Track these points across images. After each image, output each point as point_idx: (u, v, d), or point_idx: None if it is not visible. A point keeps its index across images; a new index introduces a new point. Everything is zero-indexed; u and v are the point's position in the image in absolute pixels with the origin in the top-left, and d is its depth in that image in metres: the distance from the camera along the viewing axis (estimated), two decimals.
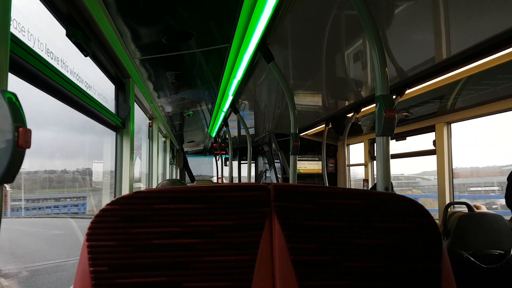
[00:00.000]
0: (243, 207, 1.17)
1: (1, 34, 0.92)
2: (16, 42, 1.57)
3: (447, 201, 4.61)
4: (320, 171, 7.88)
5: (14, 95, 0.92)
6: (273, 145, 8.11)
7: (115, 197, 3.29)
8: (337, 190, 1.20)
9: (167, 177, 9.17)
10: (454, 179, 4.73)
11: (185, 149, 14.24)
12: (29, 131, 0.93)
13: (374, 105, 4.39)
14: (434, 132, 4.86)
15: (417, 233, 1.18)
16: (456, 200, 4.75)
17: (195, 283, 1.11)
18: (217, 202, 1.16)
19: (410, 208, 1.20)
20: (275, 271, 1.14)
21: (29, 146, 0.93)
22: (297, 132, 3.62)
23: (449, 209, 4.34)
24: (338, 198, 1.19)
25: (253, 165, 12.45)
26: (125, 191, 3.29)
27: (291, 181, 3.75)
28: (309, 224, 1.17)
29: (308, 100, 5.31)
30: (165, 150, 8.70)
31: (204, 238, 1.14)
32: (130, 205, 1.12)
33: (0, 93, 0.89)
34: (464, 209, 4.27)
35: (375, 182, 6.49)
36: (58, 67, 2.06)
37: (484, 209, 4.32)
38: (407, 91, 3.69)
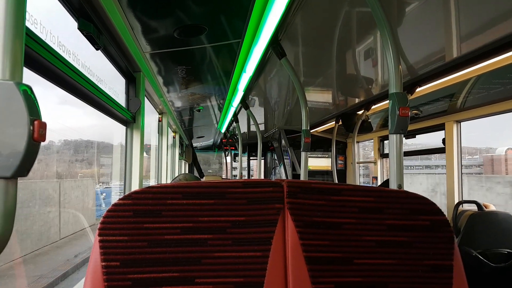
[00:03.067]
0: (256, 203, 1.17)
1: (16, 28, 0.92)
2: (31, 35, 1.57)
3: (456, 200, 4.60)
4: (329, 168, 7.89)
5: (29, 87, 0.92)
6: (283, 141, 8.11)
7: (124, 191, 3.30)
8: (350, 187, 1.20)
9: (176, 173, 9.19)
10: None
11: (194, 145, 14.26)
12: (44, 124, 0.93)
13: (385, 102, 4.44)
14: (443, 131, 4.85)
15: (429, 231, 1.19)
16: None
17: (207, 278, 1.11)
18: (230, 198, 1.16)
19: (423, 205, 1.20)
20: (288, 268, 1.14)
21: (44, 140, 0.93)
22: (309, 128, 3.61)
23: (458, 208, 4.35)
24: (350, 195, 1.19)
25: (261, 161, 12.47)
26: (135, 185, 3.29)
27: (302, 178, 3.75)
28: (321, 220, 1.17)
29: (318, 97, 5.30)
30: (174, 145, 8.71)
31: (216, 234, 1.14)
32: (142, 200, 1.12)
33: (15, 86, 0.89)
34: (474, 207, 4.27)
35: (385, 179, 6.52)
36: (70, 60, 2.06)
37: (493, 207, 4.32)
38: (417, 89, 3.68)
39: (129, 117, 3.22)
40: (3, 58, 0.89)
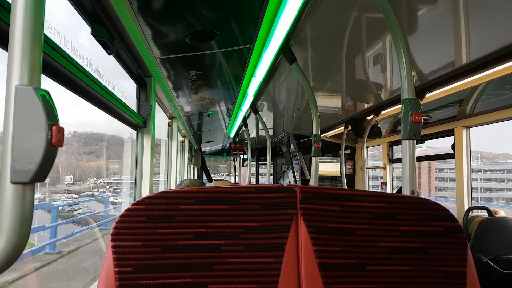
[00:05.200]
0: (269, 209, 1.17)
1: (35, 34, 0.93)
2: (47, 42, 1.59)
3: (466, 205, 4.59)
4: (337, 173, 7.87)
5: (48, 92, 0.93)
6: (292, 146, 8.09)
7: (135, 196, 3.30)
8: (363, 192, 1.20)
9: (185, 177, 9.19)
10: None
11: (203, 149, 14.26)
12: (62, 130, 0.93)
13: (394, 108, 4.42)
14: (453, 136, 4.84)
15: (443, 237, 1.19)
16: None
17: (220, 285, 1.12)
18: (243, 204, 1.16)
19: (436, 212, 1.20)
20: (301, 274, 1.14)
21: (61, 145, 0.93)
22: (319, 133, 3.60)
23: (469, 214, 4.34)
24: (364, 201, 1.19)
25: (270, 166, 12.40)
26: (146, 190, 3.29)
27: (312, 183, 3.74)
28: (335, 226, 1.17)
29: (327, 102, 5.30)
30: (183, 150, 8.72)
31: (229, 239, 1.14)
32: (155, 205, 1.12)
33: (33, 91, 0.90)
34: (484, 213, 4.27)
35: (393, 184, 6.50)
36: (83, 64, 2.07)
37: (503, 214, 4.31)
38: (427, 95, 3.67)
39: (140, 122, 3.23)
40: (22, 64, 0.90)
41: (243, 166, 14.80)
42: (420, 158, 5.94)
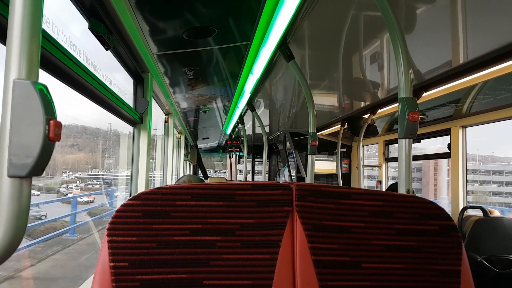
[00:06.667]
0: (265, 206, 1.17)
1: (33, 28, 0.93)
2: (45, 36, 1.58)
3: (461, 205, 4.60)
4: (332, 171, 7.88)
5: (45, 87, 0.93)
6: (288, 144, 8.09)
7: (131, 192, 3.30)
8: (359, 190, 1.21)
9: (181, 174, 9.19)
10: None
11: (199, 146, 14.25)
12: (60, 124, 0.93)
13: (391, 106, 4.43)
14: (449, 136, 4.85)
15: (438, 236, 1.19)
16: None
17: (215, 281, 1.12)
18: (239, 200, 1.16)
19: (431, 210, 1.21)
20: (296, 271, 1.14)
21: (59, 139, 0.93)
22: (316, 131, 3.59)
23: (464, 213, 4.35)
24: (360, 199, 1.19)
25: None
26: (141, 186, 3.29)
27: (308, 181, 3.74)
28: (330, 224, 1.17)
29: (324, 100, 5.29)
30: (179, 146, 8.71)
31: (225, 236, 1.14)
32: (151, 200, 1.12)
33: (31, 85, 0.89)
34: (479, 213, 4.28)
35: (389, 183, 6.50)
36: (80, 59, 2.07)
37: (497, 213, 4.33)
38: (424, 94, 3.67)
39: (136, 118, 3.22)
40: (20, 58, 0.90)
41: (239, 163, 14.79)
42: (416, 157, 5.95)
